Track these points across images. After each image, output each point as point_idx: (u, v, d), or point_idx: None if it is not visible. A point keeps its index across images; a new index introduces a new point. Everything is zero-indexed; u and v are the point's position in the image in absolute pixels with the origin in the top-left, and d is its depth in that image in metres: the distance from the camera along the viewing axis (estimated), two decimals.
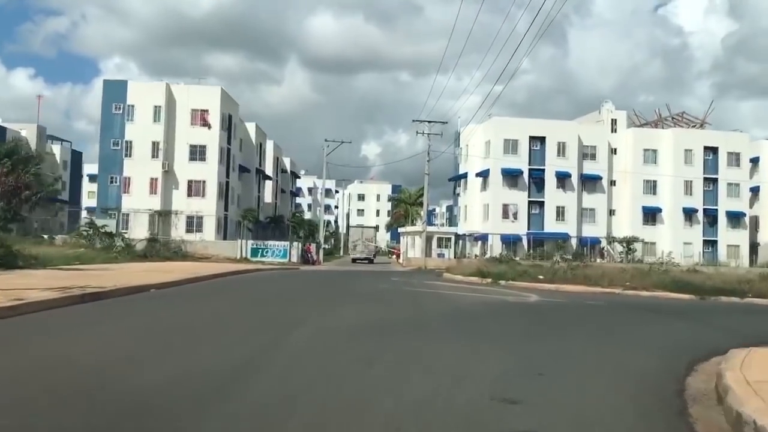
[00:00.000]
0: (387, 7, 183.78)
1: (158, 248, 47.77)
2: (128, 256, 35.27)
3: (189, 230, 52.29)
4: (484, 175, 58.91)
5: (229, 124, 56.45)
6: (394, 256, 75.32)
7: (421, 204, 77.35)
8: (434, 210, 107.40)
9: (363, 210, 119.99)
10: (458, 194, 65.15)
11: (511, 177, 58.19)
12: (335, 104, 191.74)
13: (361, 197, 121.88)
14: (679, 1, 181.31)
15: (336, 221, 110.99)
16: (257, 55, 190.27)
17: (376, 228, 71.77)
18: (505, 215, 57.96)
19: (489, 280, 25.61)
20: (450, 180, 66.84)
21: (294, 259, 49.81)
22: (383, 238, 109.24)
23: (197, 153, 53.11)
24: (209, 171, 52.85)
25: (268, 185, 76.60)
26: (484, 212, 59.12)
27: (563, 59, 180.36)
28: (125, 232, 46.56)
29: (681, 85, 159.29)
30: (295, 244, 50.78)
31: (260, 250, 50.24)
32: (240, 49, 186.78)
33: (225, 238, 53.32)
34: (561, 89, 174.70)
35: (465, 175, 62.38)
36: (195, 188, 53.02)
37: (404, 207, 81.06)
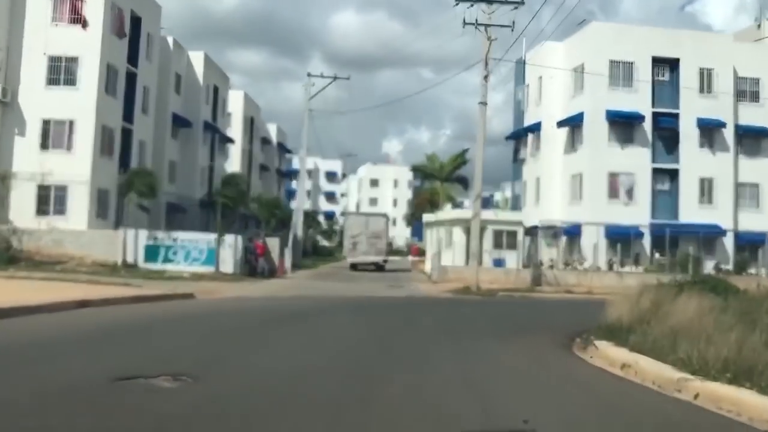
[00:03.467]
0: (411, 2, 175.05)
1: None
2: None
3: (43, 210, 28.52)
4: (572, 122, 34.15)
5: (134, 31, 32.48)
6: (414, 257, 51.34)
7: (458, 181, 52.27)
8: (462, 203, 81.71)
9: (376, 199, 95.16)
10: (522, 160, 39.65)
11: (622, 126, 33.32)
12: (358, 101, 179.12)
13: (374, 183, 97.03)
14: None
15: (343, 213, 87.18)
16: (281, 51, 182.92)
17: (389, 219, 46.96)
18: (613, 192, 33.03)
19: None
20: (508, 138, 41.34)
21: (228, 266, 26.73)
22: (401, 234, 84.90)
23: (62, 71, 29.13)
24: (82, 102, 28.83)
25: (234, 154, 52.76)
26: (573, 188, 34.38)
27: None
28: None
29: None
30: (227, 239, 26.91)
31: (164, 250, 26.74)
32: (263, 45, 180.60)
33: (122, 227, 29.44)
34: None
35: (536, 128, 37.26)
36: (56, 134, 28.97)
37: (431, 187, 55.35)
